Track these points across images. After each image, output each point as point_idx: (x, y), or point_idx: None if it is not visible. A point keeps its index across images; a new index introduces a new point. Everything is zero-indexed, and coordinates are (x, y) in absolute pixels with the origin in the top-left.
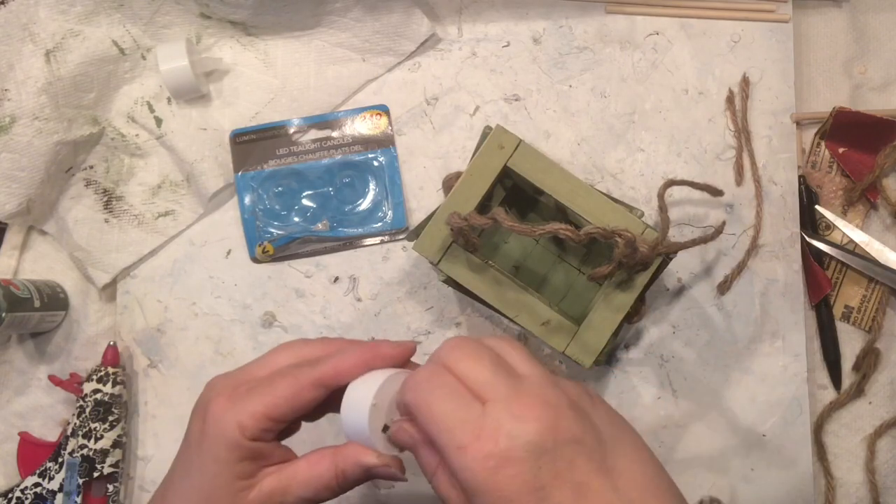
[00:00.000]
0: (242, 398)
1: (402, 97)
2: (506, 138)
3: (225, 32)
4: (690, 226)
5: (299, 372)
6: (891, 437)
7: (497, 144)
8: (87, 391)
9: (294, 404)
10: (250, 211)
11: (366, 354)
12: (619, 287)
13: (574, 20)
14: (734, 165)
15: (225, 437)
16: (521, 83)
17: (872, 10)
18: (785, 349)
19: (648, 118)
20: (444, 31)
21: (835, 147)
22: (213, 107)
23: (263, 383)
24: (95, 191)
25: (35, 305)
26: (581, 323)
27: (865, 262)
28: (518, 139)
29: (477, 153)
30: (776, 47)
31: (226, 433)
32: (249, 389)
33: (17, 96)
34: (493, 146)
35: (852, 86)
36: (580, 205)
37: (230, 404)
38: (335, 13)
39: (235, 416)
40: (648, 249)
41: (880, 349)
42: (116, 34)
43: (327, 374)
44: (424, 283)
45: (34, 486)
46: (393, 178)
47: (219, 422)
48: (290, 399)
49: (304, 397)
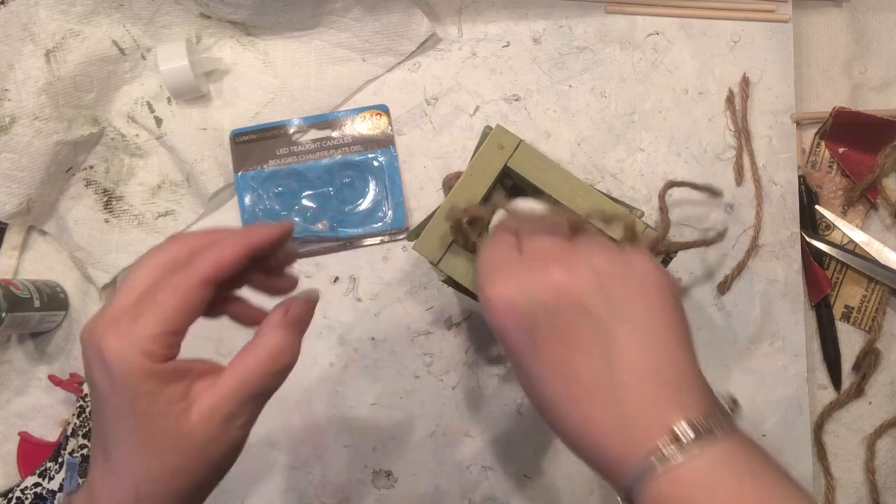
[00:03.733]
0: (131, 327)
1: (402, 97)
2: (506, 138)
3: (225, 32)
4: (690, 227)
5: (178, 278)
6: (891, 437)
7: (497, 144)
8: (87, 391)
9: (186, 311)
10: (250, 211)
11: (244, 240)
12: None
13: (574, 20)
14: (734, 165)
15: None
16: (521, 83)
17: (872, 10)
18: (785, 349)
19: (648, 118)
20: (444, 31)
21: (835, 147)
22: (213, 107)
23: (146, 304)
24: (95, 191)
25: (35, 305)
26: None
27: (865, 262)
28: (518, 139)
29: (477, 153)
30: (776, 47)
31: (134, 366)
32: (134, 317)
33: (17, 96)
34: (493, 146)
35: (852, 86)
36: (580, 205)
37: (122, 338)
38: (335, 13)
39: (135, 347)
40: (649, 247)
41: (880, 349)
42: (116, 34)
43: (209, 269)
44: (424, 283)
45: (34, 486)
46: (393, 178)
47: (122, 359)
48: (180, 308)
49: (193, 301)
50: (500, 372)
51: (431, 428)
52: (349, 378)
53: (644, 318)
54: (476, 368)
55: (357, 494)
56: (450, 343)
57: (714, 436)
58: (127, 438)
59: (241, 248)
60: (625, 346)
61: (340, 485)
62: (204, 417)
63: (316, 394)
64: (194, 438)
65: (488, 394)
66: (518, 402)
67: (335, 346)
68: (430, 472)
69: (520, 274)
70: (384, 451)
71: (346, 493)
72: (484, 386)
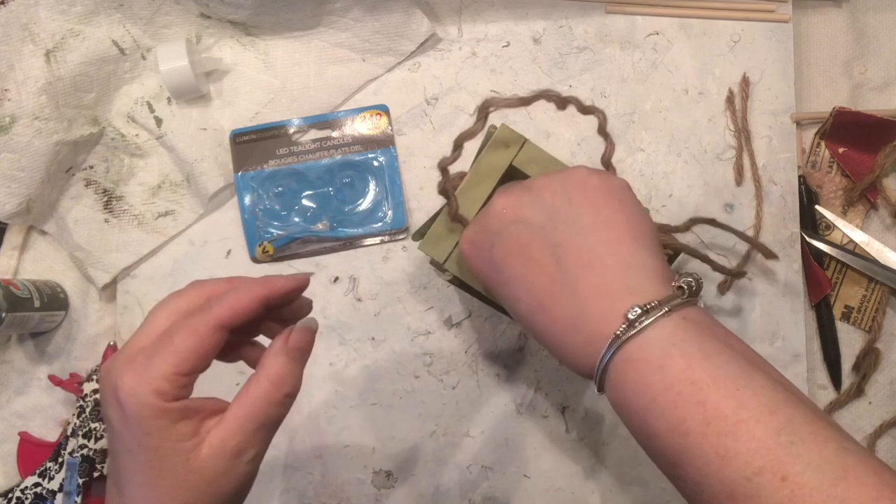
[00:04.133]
0: (146, 366)
1: (402, 97)
2: (511, 137)
3: (225, 32)
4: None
5: (194, 321)
6: (891, 437)
7: (502, 143)
8: (87, 391)
9: (200, 354)
10: (250, 211)
11: (261, 290)
12: None
13: (574, 20)
14: (734, 165)
15: (147, 409)
16: (521, 83)
17: (872, 10)
18: (785, 349)
19: (648, 118)
20: (444, 31)
21: (835, 147)
22: (213, 107)
23: (161, 345)
24: (95, 191)
25: (35, 305)
26: None
27: (865, 262)
28: (523, 137)
29: (482, 152)
30: (776, 47)
31: (146, 405)
32: (149, 356)
33: (17, 96)
34: (498, 145)
35: (852, 86)
36: None
37: (137, 377)
38: (335, 13)
39: (148, 385)
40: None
41: (880, 349)
42: (116, 34)
43: (224, 315)
44: (424, 283)
45: (34, 486)
46: (393, 178)
47: (135, 397)
48: (194, 350)
49: (208, 344)
50: (500, 372)
51: (431, 428)
52: (349, 378)
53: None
54: (476, 368)
55: (357, 494)
56: (450, 343)
57: (668, 315)
58: (138, 474)
59: (257, 296)
60: (571, 248)
61: (340, 485)
62: (213, 453)
63: (316, 394)
64: (204, 474)
65: (488, 394)
66: (518, 402)
67: (335, 346)
68: (430, 472)
69: (478, 220)
70: (384, 451)
71: (346, 493)
72: (484, 386)
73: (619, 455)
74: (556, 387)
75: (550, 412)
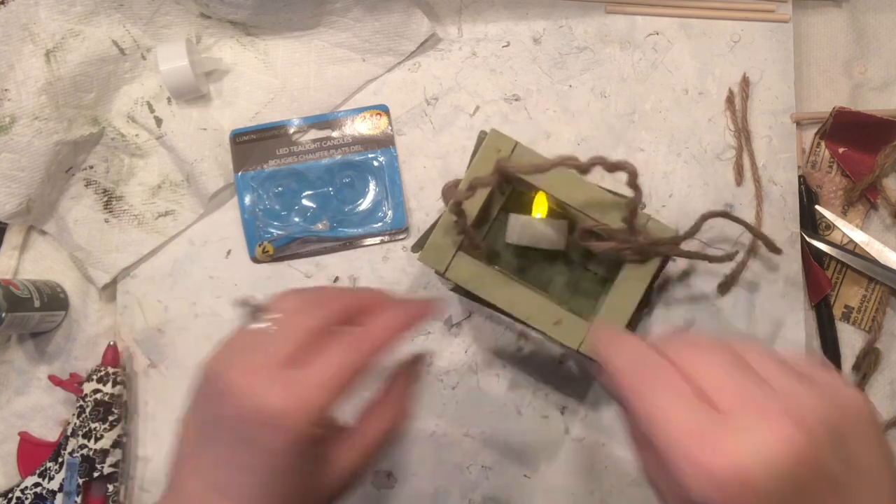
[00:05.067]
0: (298, 381)
1: (402, 97)
2: (502, 141)
3: (225, 32)
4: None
5: (352, 339)
6: (891, 437)
7: (494, 148)
8: (87, 391)
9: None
10: (250, 211)
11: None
12: (626, 283)
13: (574, 20)
14: (734, 165)
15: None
16: (521, 83)
17: (872, 10)
18: (785, 349)
19: (648, 118)
20: (444, 31)
21: (835, 147)
22: (213, 107)
23: (314, 357)
24: (95, 191)
25: (35, 305)
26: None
27: (865, 262)
28: (514, 141)
29: (475, 159)
30: (776, 47)
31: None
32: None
33: (17, 96)
34: (490, 151)
35: (852, 86)
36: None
37: (285, 391)
38: (335, 13)
39: (299, 404)
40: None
41: (880, 349)
42: (116, 34)
43: (380, 341)
44: (424, 283)
45: (34, 486)
46: (393, 178)
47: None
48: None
49: (364, 367)
50: (500, 372)
51: (431, 428)
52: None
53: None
54: (476, 368)
55: (357, 494)
56: (450, 343)
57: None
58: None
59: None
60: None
61: None
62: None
63: None
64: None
65: (488, 394)
66: (518, 402)
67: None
68: (430, 472)
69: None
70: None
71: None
72: (484, 386)
73: (618, 455)
74: (556, 387)
75: (550, 412)
